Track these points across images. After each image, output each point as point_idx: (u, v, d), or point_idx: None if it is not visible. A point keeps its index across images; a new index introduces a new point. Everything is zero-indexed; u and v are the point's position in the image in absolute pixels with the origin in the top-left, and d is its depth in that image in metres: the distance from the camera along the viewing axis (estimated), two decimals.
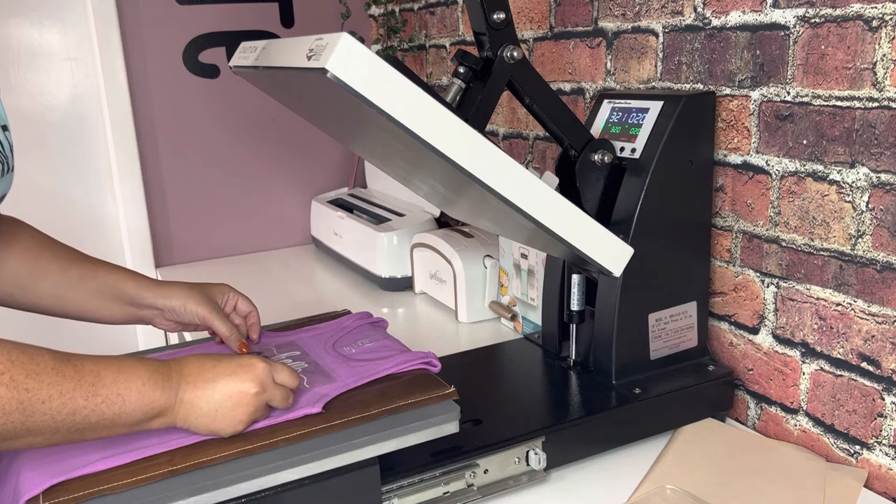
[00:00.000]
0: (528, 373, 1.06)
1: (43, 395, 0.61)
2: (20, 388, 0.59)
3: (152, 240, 1.81)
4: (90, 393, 0.63)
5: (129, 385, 0.66)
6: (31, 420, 0.60)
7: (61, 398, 0.62)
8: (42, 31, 1.65)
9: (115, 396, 0.65)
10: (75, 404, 0.63)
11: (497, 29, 0.85)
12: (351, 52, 0.62)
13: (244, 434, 0.72)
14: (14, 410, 0.59)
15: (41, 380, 0.61)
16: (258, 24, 1.83)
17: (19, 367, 0.60)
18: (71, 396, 0.62)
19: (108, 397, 0.64)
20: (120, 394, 0.65)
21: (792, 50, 0.88)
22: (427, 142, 0.67)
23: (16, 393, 0.59)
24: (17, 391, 0.59)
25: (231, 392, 0.70)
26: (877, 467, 0.86)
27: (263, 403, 0.72)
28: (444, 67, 1.69)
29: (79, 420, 0.63)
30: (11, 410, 0.59)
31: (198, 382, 0.70)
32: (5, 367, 0.59)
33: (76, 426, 0.63)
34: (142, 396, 0.66)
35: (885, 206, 0.81)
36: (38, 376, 0.61)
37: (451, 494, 0.82)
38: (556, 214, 0.77)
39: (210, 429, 0.70)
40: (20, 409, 0.60)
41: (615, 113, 1.02)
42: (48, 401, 0.61)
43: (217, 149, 1.84)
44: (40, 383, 0.61)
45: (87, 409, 0.63)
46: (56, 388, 0.61)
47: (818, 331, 0.90)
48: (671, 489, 0.83)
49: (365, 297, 1.54)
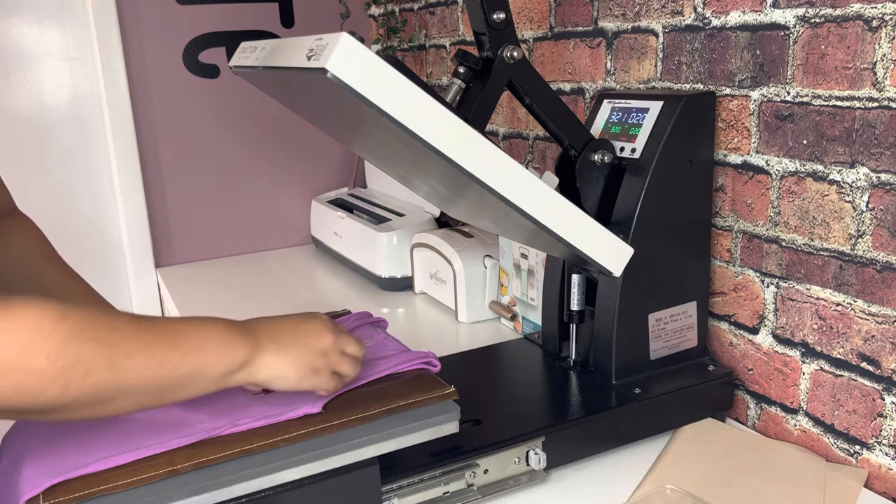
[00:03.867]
0: (528, 373, 1.06)
1: (127, 350, 0.59)
2: (104, 343, 0.58)
3: (152, 240, 1.81)
4: (172, 345, 0.62)
5: (208, 335, 0.65)
6: (121, 378, 0.59)
7: (146, 351, 0.60)
8: (42, 31, 1.65)
9: (197, 347, 0.64)
10: (160, 357, 0.61)
11: (497, 29, 0.85)
12: (351, 52, 0.62)
13: (244, 434, 0.72)
14: (103, 368, 0.58)
15: (123, 335, 0.60)
16: (258, 24, 1.83)
17: (101, 323, 0.59)
18: (154, 349, 0.61)
19: (190, 349, 0.63)
20: (201, 344, 0.64)
21: (792, 50, 0.88)
22: (427, 142, 0.67)
23: (101, 348, 0.58)
24: (102, 346, 0.58)
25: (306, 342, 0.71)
26: (877, 467, 0.86)
27: (331, 368, 0.73)
28: (444, 67, 1.69)
29: (166, 374, 0.62)
30: (101, 368, 0.58)
31: (274, 335, 0.70)
32: (87, 323, 0.58)
33: (165, 382, 0.62)
34: (222, 346, 0.66)
35: (885, 206, 0.81)
36: (119, 332, 0.60)
37: (451, 494, 0.82)
38: (556, 214, 0.77)
39: (290, 381, 0.71)
40: (109, 366, 0.58)
41: (615, 113, 1.02)
42: (134, 355, 0.60)
43: (217, 149, 1.84)
44: (123, 338, 0.60)
45: (171, 362, 0.62)
46: (139, 342, 0.60)
47: (818, 331, 0.90)
48: (671, 489, 0.83)
49: (365, 297, 1.54)
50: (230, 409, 0.75)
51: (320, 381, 0.73)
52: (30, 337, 0.54)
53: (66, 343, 0.56)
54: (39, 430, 0.72)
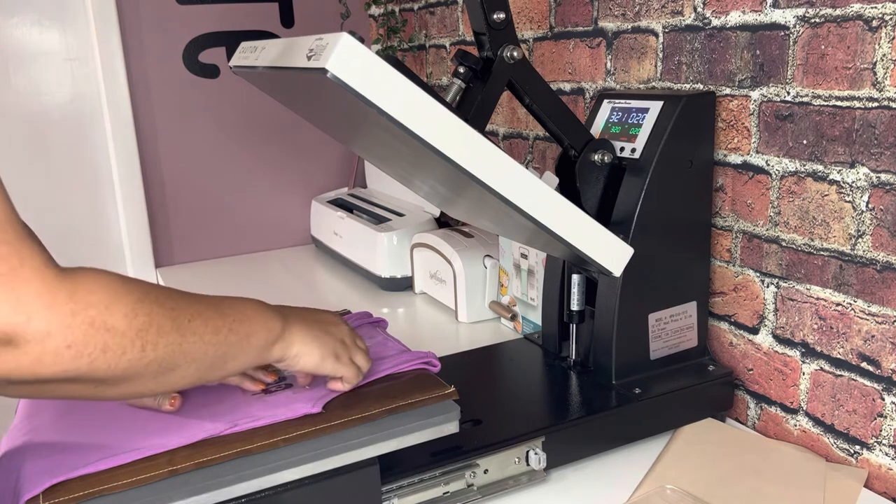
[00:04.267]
0: (528, 373, 1.06)
1: (188, 314, 0.61)
2: (167, 306, 0.59)
3: (152, 240, 1.81)
4: (221, 313, 0.64)
5: (246, 308, 0.68)
6: (185, 342, 0.60)
7: (201, 317, 0.62)
8: (42, 31, 1.65)
9: (241, 317, 0.66)
10: (214, 324, 0.63)
11: (497, 29, 0.85)
12: (351, 52, 0.62)
13: (244, 434, 0.72)
14: (170, 329, 0.59)
15: (178, 301, 0.61)
16: (258, 24, 1.83)
17: (159, 289, 0.60)
18: (208, 316, 0.63)
19: (235, 318, 0.66)
20: (243, 315, 0.67)
21: (792, 50, 0.88)
22: (427, 142, 0.67)
23: (166, 311, 0.59)
24: (166, 308, 0.59)
25: (326, 328, 0.75)
26: (877, 467, 0.86)
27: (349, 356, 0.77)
28: (444, 67, 1.69)
29: (220, 341, 0.63)
30: (169, 329, 0.59)
31: (299, 316, 0.74)
32: (148, 287, 0.59)
33: (220, 349, 0.64)
34: (262, 318, 0.69)
35: (885, 206, 0.81)
36: (174, 299, 0.61)
37: (451, 494, 0.82)
38: (556, 214, 0.77)
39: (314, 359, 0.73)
40: (175, 328, 0.59)
41: (615, 113, 1.02)
42: (193, 319, 0.61)
43: (217, 149, 1.84)
44: (180, 303, 0.61)
45: (224, 328, 0.64)
46: (194, 308, 0.62)
47: (818, 331, 0.90)
48: (671, 489, 0.83)
49: (365, 297, 1.54)
50: (230, 409, 0.75)
51: (341, 366, 0.76)
52: (110, 298, 0.55)
53: (139, 304, 0.57)
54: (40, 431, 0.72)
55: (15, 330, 0.51)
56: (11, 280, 0.51)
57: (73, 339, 0.53)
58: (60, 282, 0.53)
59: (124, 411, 0.75)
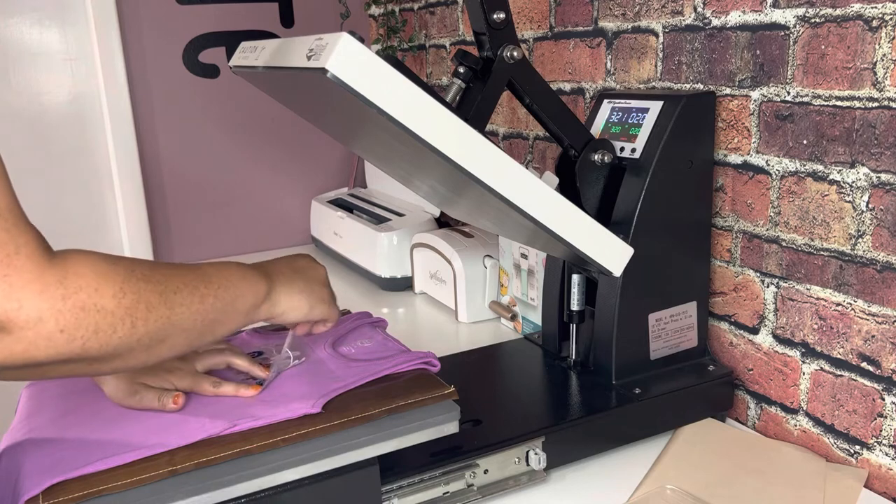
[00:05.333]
0: (528, 373, 1.06)
1: (174, 286, 0.62)
2: (153, 281, 0.60)
3: (152, 240, 1.81)
4: (206, 281, 0.65)
5: (231, 273, 0.69)
6: (173, 314, 0.61)
7: (188, 287, 0.63)
8: (42, 31, 1.65)
9: (226, 283, 0.67)
10: (200, 292, 0.64)
11: (497, 29, 0.85)
12: (351, 52, 0.62)
13: (244, 434, 0.72)
14: (158, 303, 0.60)
15: (164, 274, 0.62)
16: (258, 24, 1.83)
17: (144, 265, 0.61)
18: (194, 285, 0.64)
19: (221, 283, 0.66)
20: (228, 280, 0.67)
21: (792, 50, 0.88)
22: (427, 142, 0.67)
23: (153, 285, 0.60)
24: (152, 284, 0.60)
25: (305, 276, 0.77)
26: (877, 467, 0.86)
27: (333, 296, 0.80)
28: (444, 67, 1.69)
29: (207, 307, 0.64)
30: (157, 303, 0.60)
31: (280, 272, 0.75)
32: (134, 265, 0.60)
33: (208, 316, 0.65)
34: (246, 281, 0.70)
35: (885, 206, 0.81)
36: (160, 271, 0.62)
37: (451, 494, 0.82)
38: (556, 214, 0.77)
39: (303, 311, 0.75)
40: (163, 302, 0.60)
41: (615, 113, 1.02)
42: (180, 290, 0.62)
43: (217, 149, 1.84)
44: (165, 276, 0.62)
45: (210, 295, 0.65)
46: (179, 280, 0.63)
47: (818, 331, 0.90)
48: (671, 489, 0.83)
49: (365, 297, 1.54)
50: (229, 409, 0.75)
51: (328, 309, 0.78)
52: (98, 280, 0.56)
53: (126, 283, 0.58)
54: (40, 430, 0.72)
55: (7, 317, 0.51)
56: (6, 267, 0.52)
57: (65, 323, 0.54)
58: (52, 267, 0.54)
59: (124, 411, 0.75)
